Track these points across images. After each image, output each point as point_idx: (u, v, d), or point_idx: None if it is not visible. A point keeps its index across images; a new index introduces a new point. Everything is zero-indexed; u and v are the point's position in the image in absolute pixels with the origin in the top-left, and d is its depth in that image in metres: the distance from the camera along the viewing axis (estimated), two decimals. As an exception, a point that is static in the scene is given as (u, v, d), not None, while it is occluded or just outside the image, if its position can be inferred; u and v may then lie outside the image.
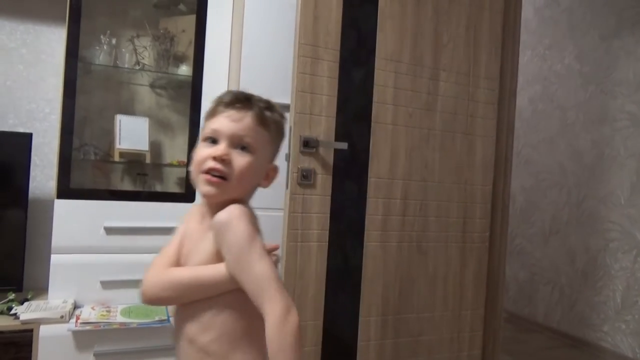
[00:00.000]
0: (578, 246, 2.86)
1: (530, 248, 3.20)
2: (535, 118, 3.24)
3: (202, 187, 0.86)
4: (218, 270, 0.85)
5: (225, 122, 0.87)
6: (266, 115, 0.90)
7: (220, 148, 0.86)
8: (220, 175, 0.85)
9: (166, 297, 0.88)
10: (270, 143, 0.92)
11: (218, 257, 0.86)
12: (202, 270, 0.86)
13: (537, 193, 3.19)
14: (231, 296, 0.85)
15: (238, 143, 0.87)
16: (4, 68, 2.02)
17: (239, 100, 0.89)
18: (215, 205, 0.87)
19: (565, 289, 2.90)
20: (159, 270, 0.89)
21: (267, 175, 0.94)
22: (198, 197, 0.94)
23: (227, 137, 0.86)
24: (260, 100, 0.92)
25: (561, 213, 2.99)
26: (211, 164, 0.85)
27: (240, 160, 0.86)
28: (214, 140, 0.87)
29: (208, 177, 0.85)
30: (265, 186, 0.95)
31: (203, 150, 0.87)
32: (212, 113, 0.90)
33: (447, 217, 1.88)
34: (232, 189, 0.87)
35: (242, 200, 0.89)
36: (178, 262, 0.91)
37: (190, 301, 0.87)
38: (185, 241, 0.93)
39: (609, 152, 2.72)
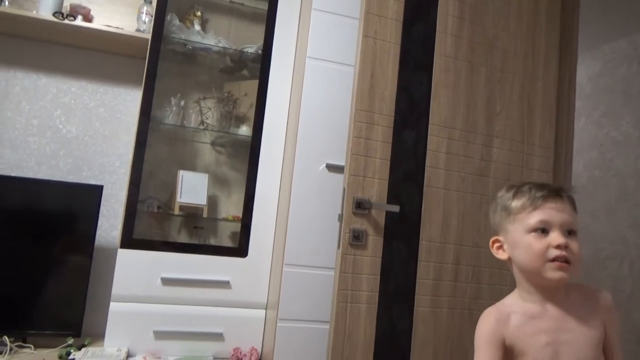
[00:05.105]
0: (643, 323, 2.67)
1: (590, 322, 3.01)
2: (592, 185, 3.15)
3: (554, 274, 0.96)
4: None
5: (553, 213, 0.98)
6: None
7: (560, 237, 0.96)
8: (566, 260, 0.95)
9: None
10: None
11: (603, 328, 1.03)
12: None
13: (595, 263, 3.04)
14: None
15: (567, 229, 0.98)
16: (83, 125, 2.21)
17: (555, 191, 1.00)
18: (555, 288, 1.00)
19: (630, 370, 2.69)
20: None
21: None
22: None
23: (559, 226, 0.97)
24: (561, 187, 1.03)
25: (623, 286, 2.82)
26: (557, 252, 0.95)
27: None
28: (543, 230, 0.97)
29: (559, 264, 0.95)
30: None
31: (539, 241, 0.97)
32: (532, 206, 0.99)
33: (501, 285, 1.83)
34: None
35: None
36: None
37: None
38: (536, 337, 0.98)
39: (674, 223, 2.59)
